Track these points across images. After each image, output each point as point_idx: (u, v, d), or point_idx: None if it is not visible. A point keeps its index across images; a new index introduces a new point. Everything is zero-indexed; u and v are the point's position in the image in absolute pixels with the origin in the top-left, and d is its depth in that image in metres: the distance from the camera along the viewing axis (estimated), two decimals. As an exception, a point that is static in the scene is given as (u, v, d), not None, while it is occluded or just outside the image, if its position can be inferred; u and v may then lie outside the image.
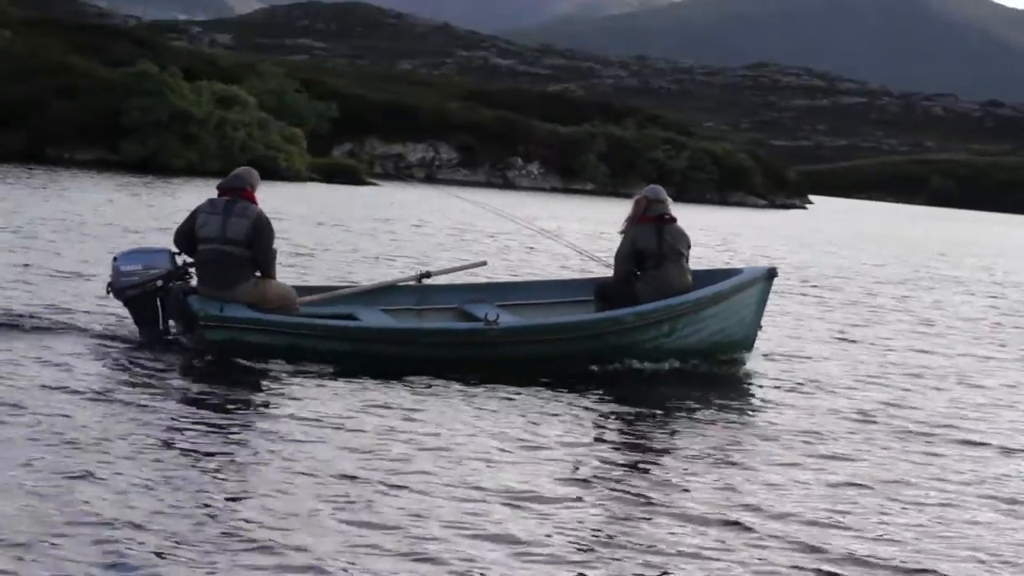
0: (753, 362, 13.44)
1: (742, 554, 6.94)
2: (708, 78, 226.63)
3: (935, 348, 16.53)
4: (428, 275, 13.68)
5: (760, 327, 13.57)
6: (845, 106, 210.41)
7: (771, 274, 13.36)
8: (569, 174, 75.21)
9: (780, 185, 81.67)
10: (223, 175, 14.11)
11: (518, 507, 7.46)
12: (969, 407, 12.11)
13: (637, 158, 74.66)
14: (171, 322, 12.19)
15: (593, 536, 7.06)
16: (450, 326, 12.71)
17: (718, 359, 13.10)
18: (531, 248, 27.41)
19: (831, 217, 73.26)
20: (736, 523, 7.47)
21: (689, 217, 14.27)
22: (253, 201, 12.09)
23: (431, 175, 72.54)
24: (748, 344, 13.39)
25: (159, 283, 12.03)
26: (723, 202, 78.06)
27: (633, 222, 13.03)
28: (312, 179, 55.79)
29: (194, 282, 12.13)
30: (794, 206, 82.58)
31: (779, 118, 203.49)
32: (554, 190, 72.52)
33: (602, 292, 13.23)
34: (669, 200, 13.24)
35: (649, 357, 12.62)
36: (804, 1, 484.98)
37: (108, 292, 12.23)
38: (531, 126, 74.77)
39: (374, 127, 70.73)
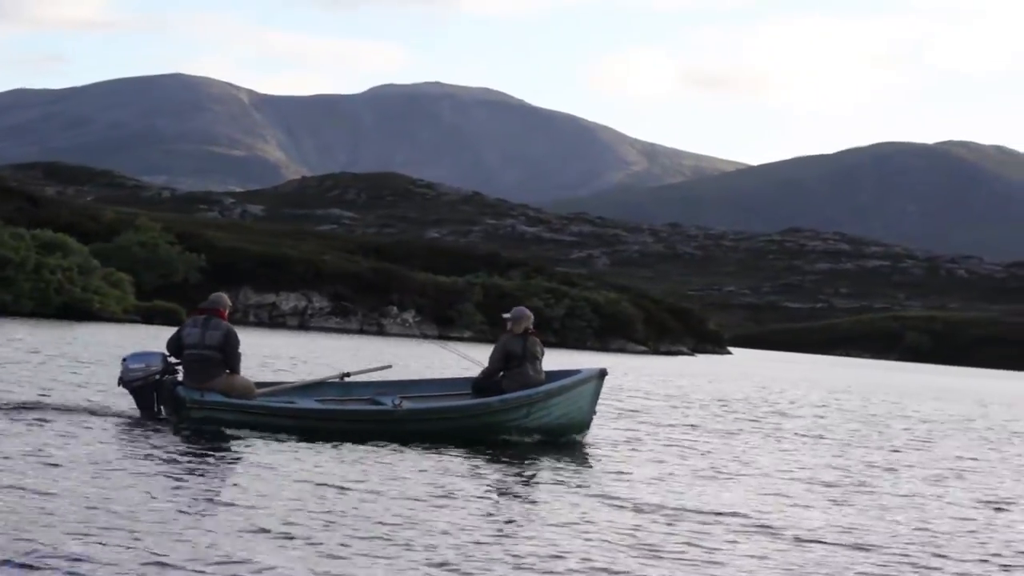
0: (588, 438, 18.63)
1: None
2: (734, 243, 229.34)
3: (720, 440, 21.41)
4: (348, 375, 18.78)
5: (595, 413, 18.69)
6: (869, 269, 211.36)
7: (603, 373, 18.42)
8: (446, 322, 77.90)
9: (662, 333, 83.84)
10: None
11: (414, 524, 11.28)
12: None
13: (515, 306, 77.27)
14: (163, 406, 17.02)
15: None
16: (366, 408, 17.68)
17: (563, 436, 18.09)
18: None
19: (711, 362, 75.05)
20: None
21: (555, 359, 19.78)
22: (224, 318, 16.98)
23: (304, 323, 75.77)
24: (585, 425, 18.48)
25: (156, 377, 16.88)
26: (603, 348, 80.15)
27: (505, 332, 18.17)
28: (131, 320, 59.23)
29: (180, 376, 16.96)
30: (680, 353, 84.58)
31: (802, 281, 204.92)
32: (426, 337, 75.20)
33: (477, 385, 18.34)
34: (531, 317, 18.44)
35: (511, 433, 17.60)
36: (856, 168, 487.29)
37: (119, 384, 17.16)
38: (407, 276, 77.83)
39: (248, 277, 74.36)
